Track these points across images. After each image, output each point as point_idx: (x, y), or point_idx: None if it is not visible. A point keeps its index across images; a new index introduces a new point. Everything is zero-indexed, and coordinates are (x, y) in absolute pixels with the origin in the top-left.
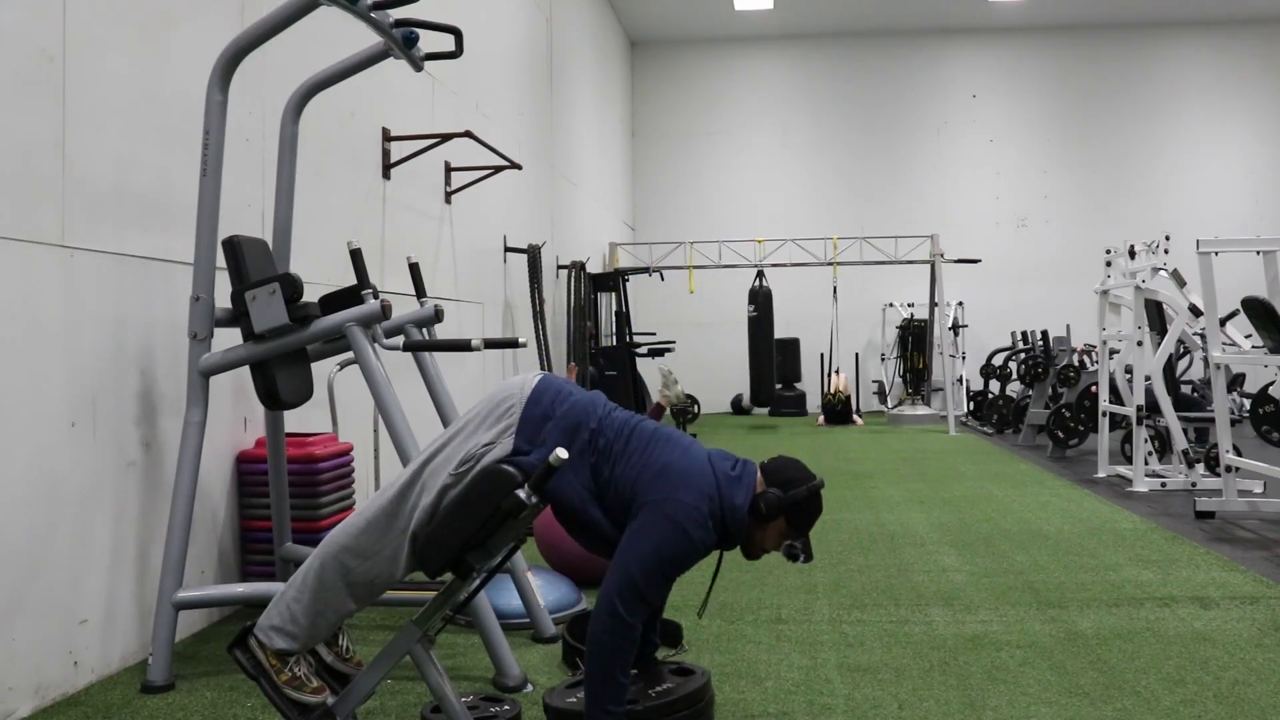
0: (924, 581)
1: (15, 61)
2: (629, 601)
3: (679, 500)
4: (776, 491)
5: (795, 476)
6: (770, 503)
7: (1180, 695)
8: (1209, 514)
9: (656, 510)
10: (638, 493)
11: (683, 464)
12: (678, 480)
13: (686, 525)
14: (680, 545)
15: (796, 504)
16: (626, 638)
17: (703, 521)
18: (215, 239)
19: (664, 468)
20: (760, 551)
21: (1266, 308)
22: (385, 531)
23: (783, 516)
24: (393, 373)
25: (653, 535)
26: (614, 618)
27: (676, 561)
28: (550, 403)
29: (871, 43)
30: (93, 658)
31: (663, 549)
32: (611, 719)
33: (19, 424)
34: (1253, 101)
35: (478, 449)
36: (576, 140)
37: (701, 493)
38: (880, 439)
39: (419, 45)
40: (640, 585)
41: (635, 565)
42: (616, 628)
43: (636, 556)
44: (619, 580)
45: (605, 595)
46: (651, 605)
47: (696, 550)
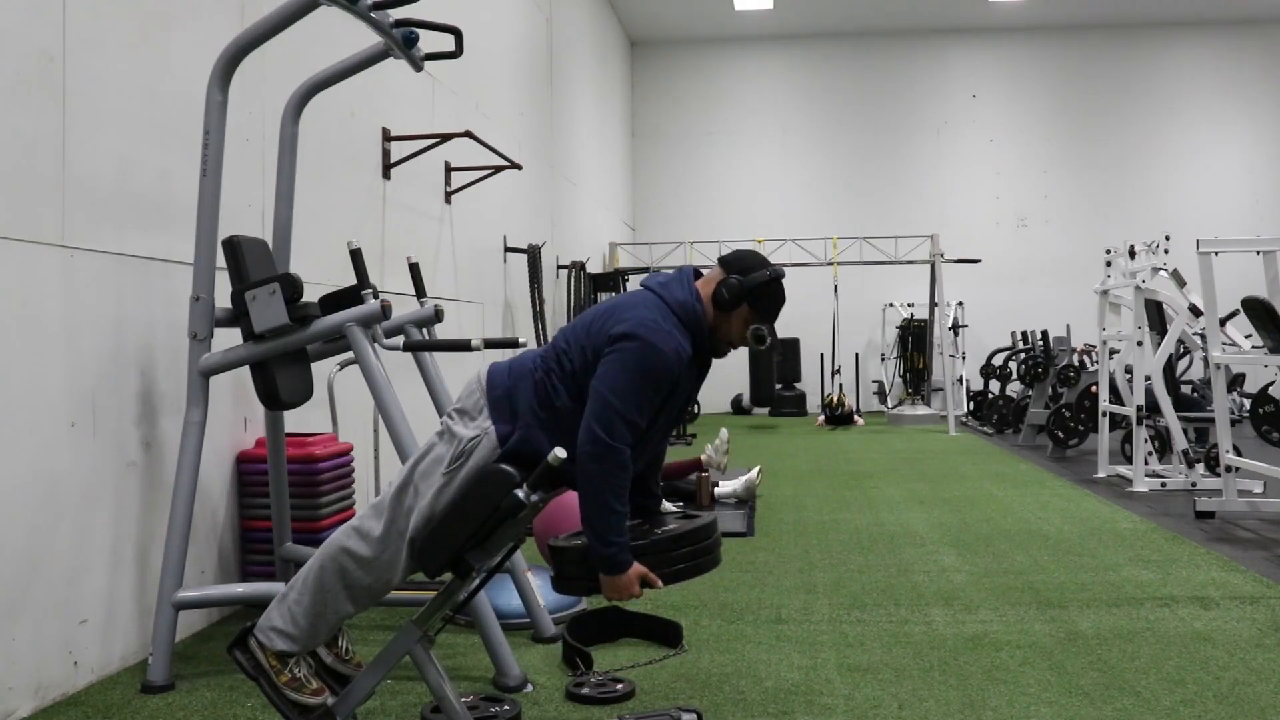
0: (924, 581)
1: (15, 61)
2: (608, 423)
3: (626, 319)
4: (737, 277)
5: (753, 262)
6: (732, 288)
7: (1180, 695)
8: (1209, 514)
9: (613, 342)
10: (592, 349)
11: (621, 300)
12: (622, 309)
13: (645, 335)
14: (647, 355)
15: (758, 286)
16: (614, 461)
17: (658, 326)
18: (215, 239)
19: (604, 311)
20: (727, 347)
21: (1266, 308)
22: (384, 536)
23: (745, 303)
24: (393, 373)
25: (617, 359)
26: (595, 442)
27: (649, 373)
28: (503, 376)
29: (871, 43)
30: (93, 658)
31: (630, 364)
32: (614, 549)
33: (19, 424)
34: (1253, 101)
35: (465, 444)
36: (576, 140)
37: (645, 305)
38: (880, 439)
39: (419, 45)
40: (617, 405)
41: (607, 389)
42: (600, 451)
43: (606, 381)
44: (594, 408)
45: (584, 426)
46: (635, 426)
47: (668, 358)
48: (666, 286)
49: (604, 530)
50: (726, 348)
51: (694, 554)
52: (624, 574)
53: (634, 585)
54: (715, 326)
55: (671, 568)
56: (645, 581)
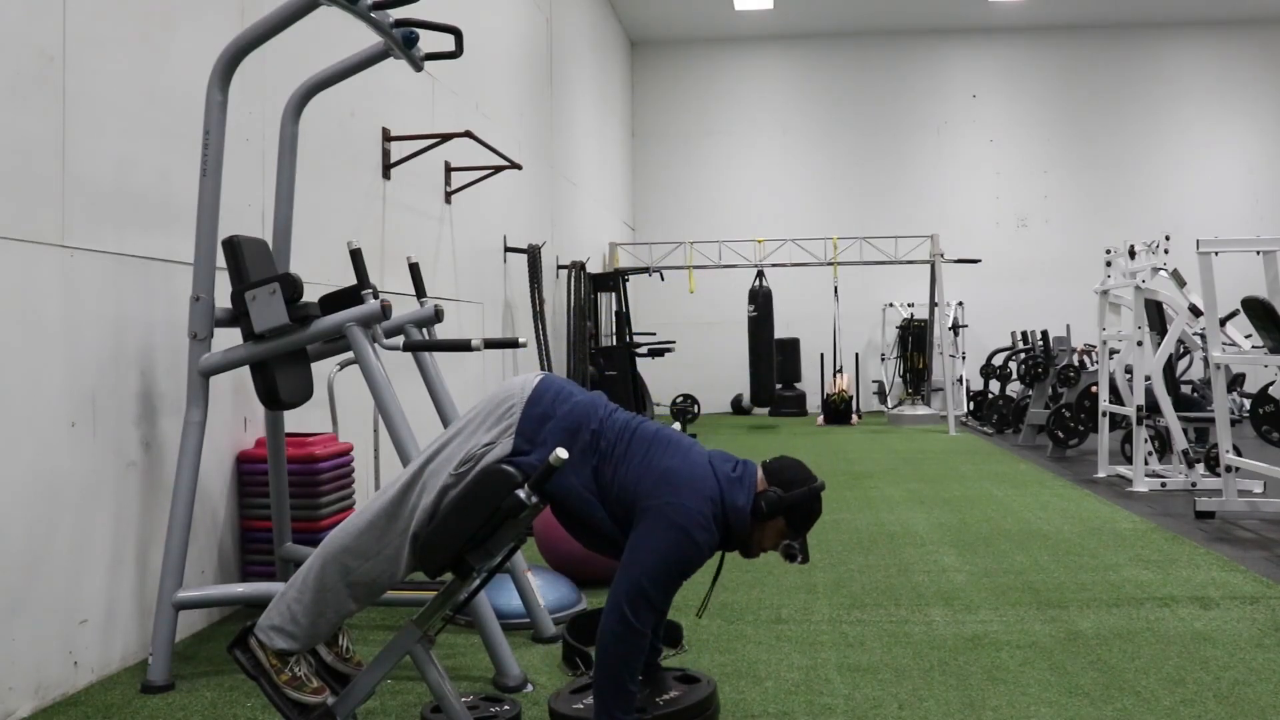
0: (924, 581)
1: (15, 61)
2: (638, 608)
3: (682, 505)
4: (777, 490)
5: (796, 477)
6: (771, 502)
7: (1180, 695)
8: (1209, 514)
9: (660, 515)
10: (639, 496)
11: (685, 467)
12: (680, 484)
13: (691, 529)
14: (686, 550)
15: (796, 504)
16: (637, 645)
17: (707, 524)
18: (215, 239)
19: (666, 471)
20: (758, 550)
21: (1266, 308)
22: (385, 532)
23: (782, 516)
24: (393, 373)
25: (659, 541)
26: (624, 625)
27: (683, 566)
28: (551, 403)
29: (871, 43)
30: (93, 658)
31: (669, 554)
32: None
33: (19, 424)
34: (1253, 101)
35: (478, 449)
36: (576, 140)
37: (704, 496)
38: (880, 439)
39: (419, 45)
40: (649, 591)
41: (642, 572)
42: (627, 635)
43: (643, 563)
44: (627, 587)
45: (614, 603)
46: (660, 611)
47: (702, 553)
48: (732, 486)
49: (614, 708)
50: (758, 552)
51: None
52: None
53: None
54: (750, 531)
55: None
56: None
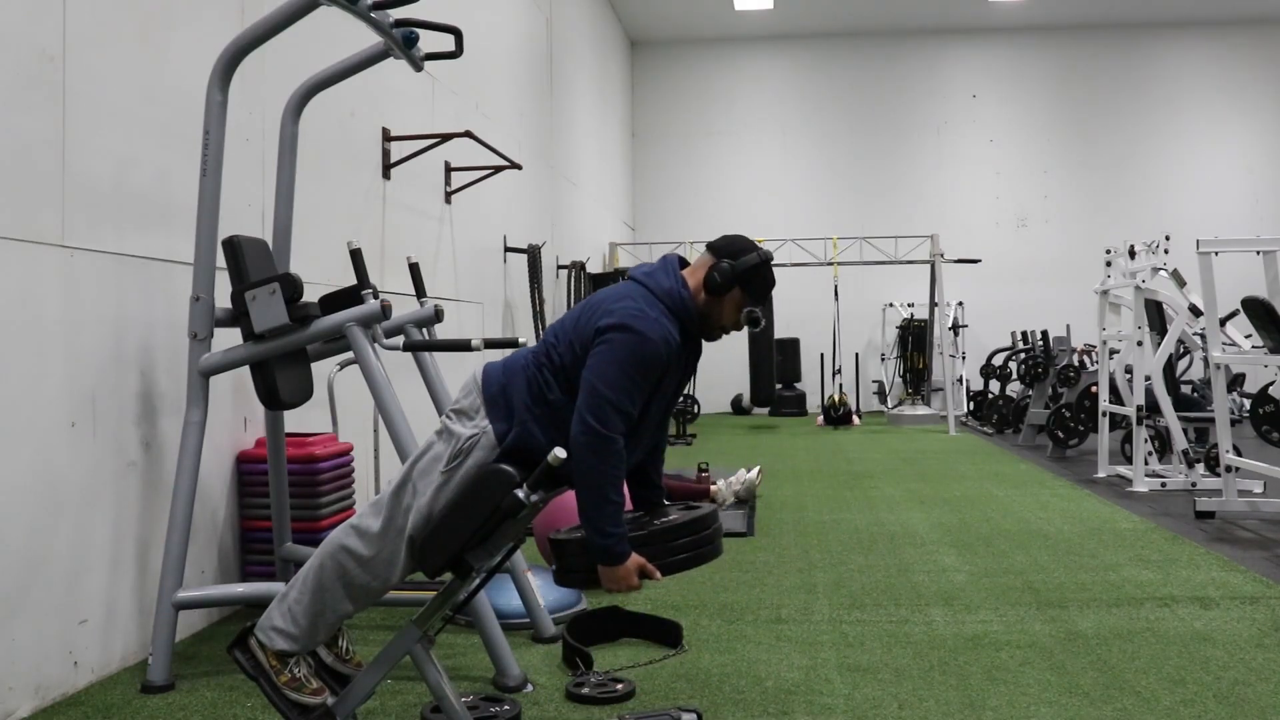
0: (924, 581)
1: (15, 61)
2: (600, 413)
3: (609, 311)
4: (728, 261)
5: (742, 246)
6: (724, 272)
7: (1180, 695)
8: (1209, 514)
9: (601, 334)
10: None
11: (606, 292)
12: (608, 302)
13: (632, 325)
14: (635, 344)
15: (748, 270)
16: (608, 449)
17: (645, 314)
18: (215, 239)
19: (591, 304)
20: (719, 330)
21: (1266, 308)
22: (382, 534)
23: (737, 286)
24: (393, 373)
25: (606, 350)
26: (589, 432)
27: (639, 361)
28: (500, 374)
29: (871, 43)
30: (93, 658)
31: (620, 355)
32: (611, 540)
33: (19, 424)
34: (1253, 101)
35: (464, 442)
36: (576, 140)
37: (631, 295)
38: (880, 439)
39: (419, 45)
40: (608, 395)
41: (597, 378)
42: (594, 442)
43: (596, 372)
44: (585, 398)
45: (576, 417)
46: (628, 415)
47: (656, 345)
48: (651, 276)
49: (600, 521)
50: (719, 332)
51: (693, 544)
52: (622, 565)
53: (632, 576)
54: (707, 312)
55: (671, 558)
56: (644, 572)
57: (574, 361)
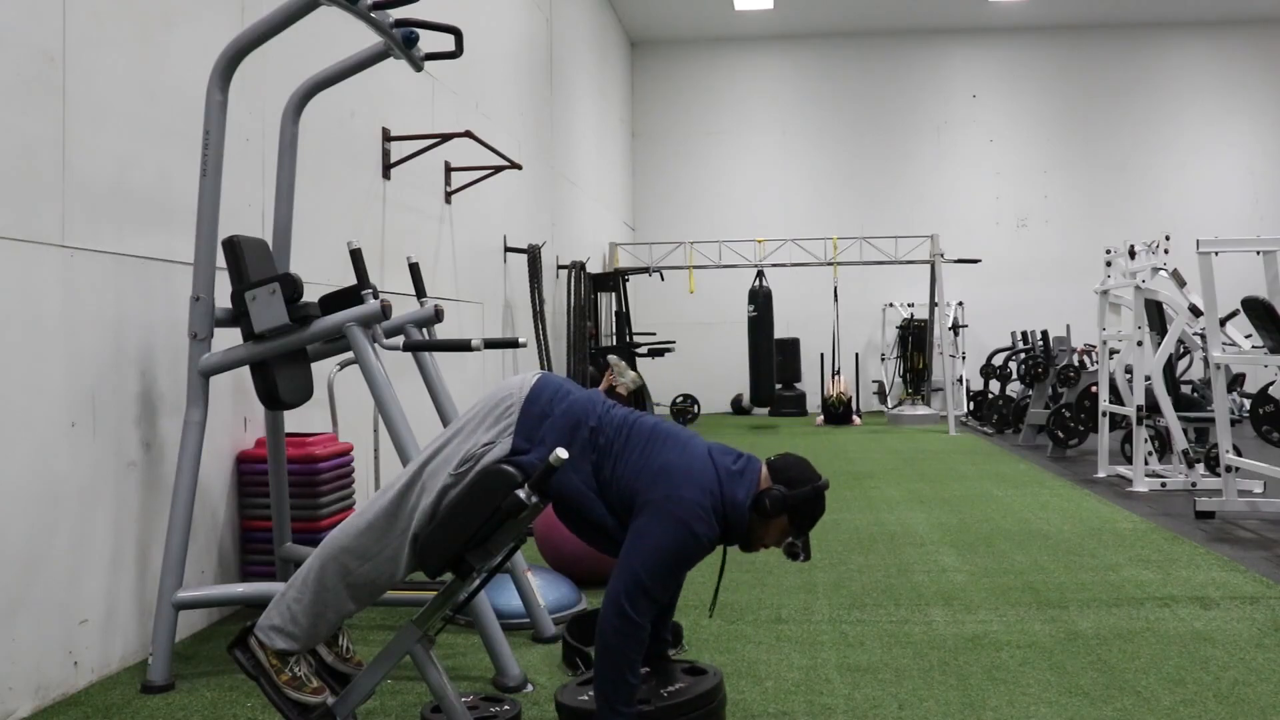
0: (924, 581)
1: (15, 61)
2: (636, 601)
3: (681, 497)
4: (781, 489)
5: (801, 475)
6: (775, 499)
7: (1180, 695)
8: (1209, 514)
9: (659, 509)
10: (639, 491)
11: (684, 460)
12: (679, 477)
13: (690, 521)
14: (685, 542)
15: (800, 503)
16: (635, 638)
17: (705, 517)
18: (215, 239)
19: (664, 464)
20: (759, 547)
21: (1266, 308)
22: (385, 532)
23: (785, 514)
24: (393, 373)
25: (657, 533)
26: (622, 618)
27: (682, 558)
28: (549, 401)
29: (871, 43)
30: (93, 658)
31: (667, 546)
32: (622, 719)
33: (19, 424)
34: (1253, 101)
35: (477, 449)
36: (576, 140)
37: (703, 488)
38: (880, 439)
39: (419, 45)
40: (647, 584)
41: (640, 565)
42: (625, 628)
43: (641, 556)
44: (625, 580)
45: (612, 596)
46: (659, 603)
47: (701, 546)
48: (732, 479)
49: (615, 700)
50: (758, 548)
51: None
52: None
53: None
54: (751, 528)
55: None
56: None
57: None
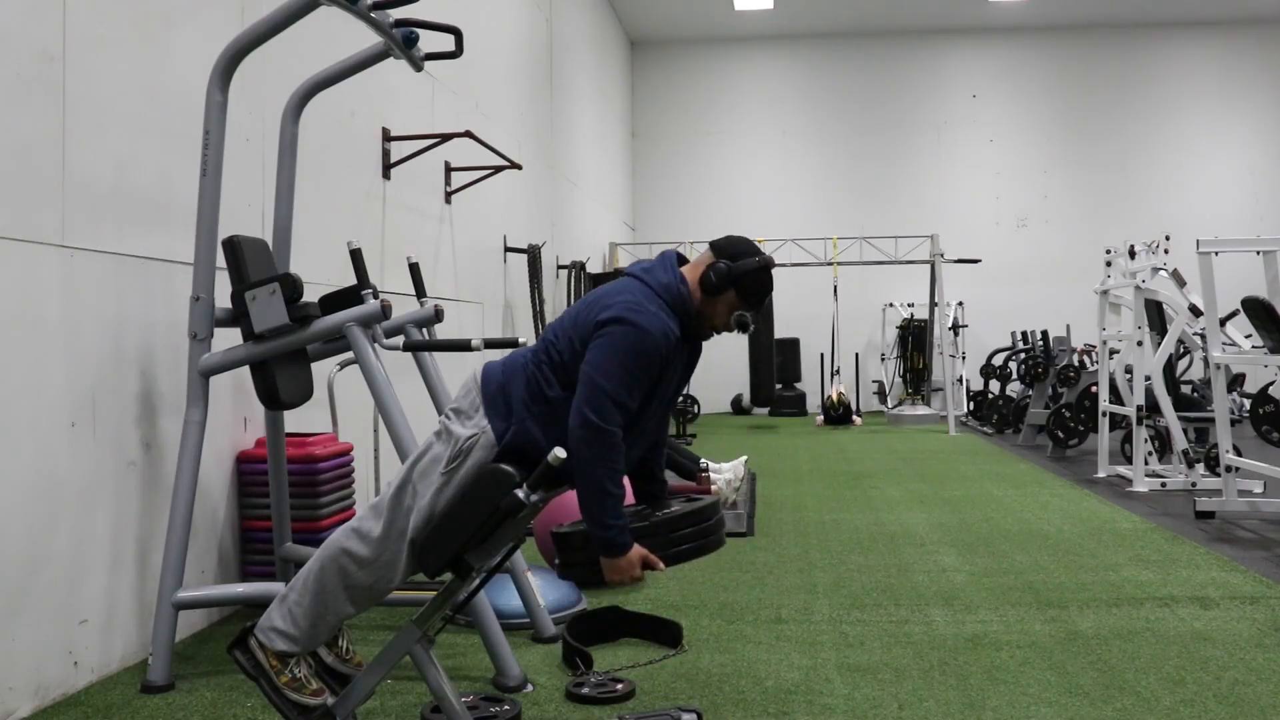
0: (924, 581)
1: (15, 61)
2: (599, 406)
3: (607, 306)
4: (726, 262)
5: (743, 249)
6: (720, 273)
7: (1180, 695)
8: (1209, 514)
9: (600, 328)
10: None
11: (602, 290)
12: (604, 299)
13: (631, 318)
14: (635, 337)
15: (745, 273)
16: (607, 442)
17: (644, 308)
18: (215, 239)
19: (586, 304)
20: (711, 329)
21: (1266, 308)
22: (383, 536)
23: (732, 289)
24: (393, 373)
25: (605, 343)
26: (586, 425)
27: (638, 354)
28: (499, 374)
29: (871, 43)
30: (93, 658)
31: (618, 347)
32: (612, 531)
33: (19, 424)
34: (1253, 101)
35: (463, 442)
36: (576, 140)
37: (629, 290)
38: (880, 439)
39: (419, 45)
40: (606, 388)
41: (595, 372)
42: (592, 435)
43: (595, 365)
44: (583, 391)
45: (575, 410)
46: (626, 408)
47: (655, 338)
48: (650, 271)
49: (600, 513)
50: (710, 332)
51: (696, 534)
52: (624, 556)
53: (634, 567)
54: (700, 310)
55: (673, 548)
56: (646, 563)
57: (573, 357)
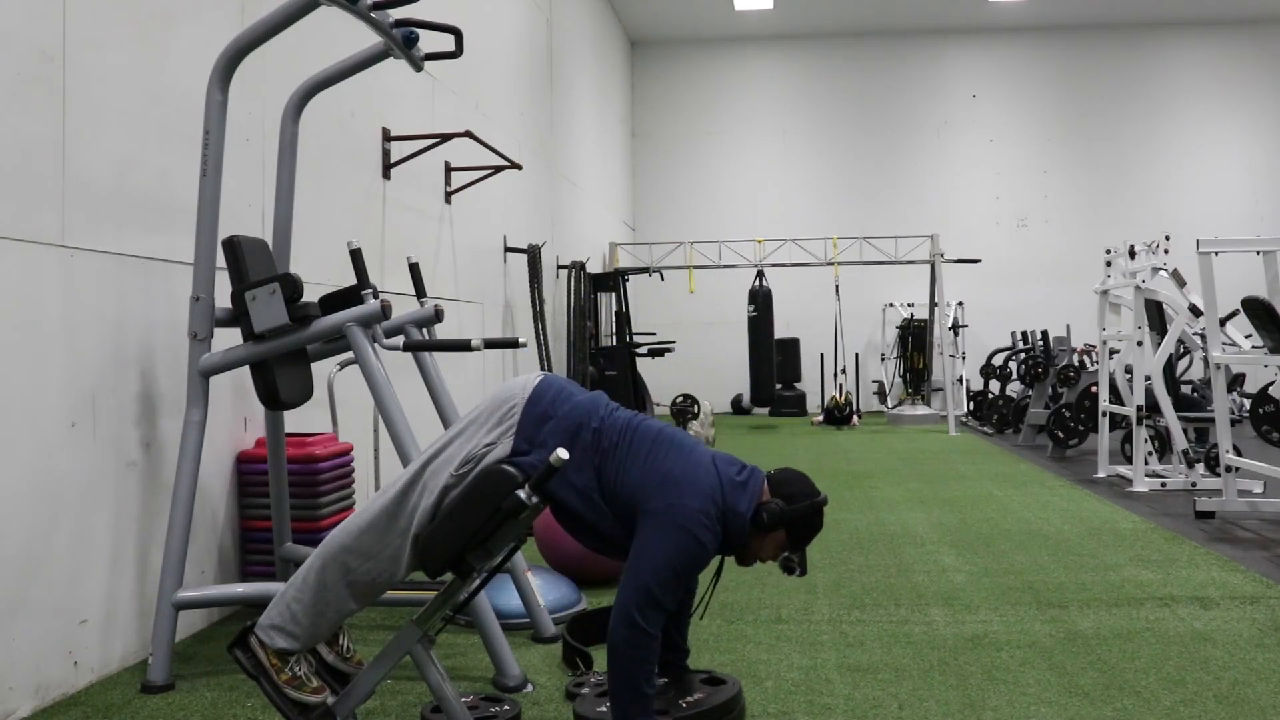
0: (924, 581)
1: (15, 61)
2: (646, 611)
3: (685, 505)
4: (779, 502)
5: (800, 490)
6: (773, 513)
7: (1180, 695)
8: (1209, 514)
9: (664, 517)
10: (641, 499)
11: (688, 468)
12: (684, 485)
13: (694, 530)
14: (691, 549)
15: (798, 517)
16: (648, 648)
17: (710, 524)
18: (215, 239)
19: (668, 472)
20: (754, 560)
21: (1266, 308)
22: (386, 532)
23: (783, 528)
24: (393, 373)
25: (663, 543)
26: (633, 629)
27: (687, 566)
28: (551, 402)
29: (871, 43)
30: (93, 658)
31: (674, 555)
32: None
33: (19, 424)
34: (1253, 101)
35: (479, 449)
36: (576, 140)
37: (707, 496)
38: (880, 439)
39: (419, 45)
40: (656, 594)
41: (648, 574)
42: (636, 639)
43: (649, 566)
44: (634, 591)
45: (621, 607)
46: (667, 611)
47: (707, 552)
48: (735, 490)
49: (632, 712)
50: (754, 561)
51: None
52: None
53: None
54: (749, 540)
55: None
56: None
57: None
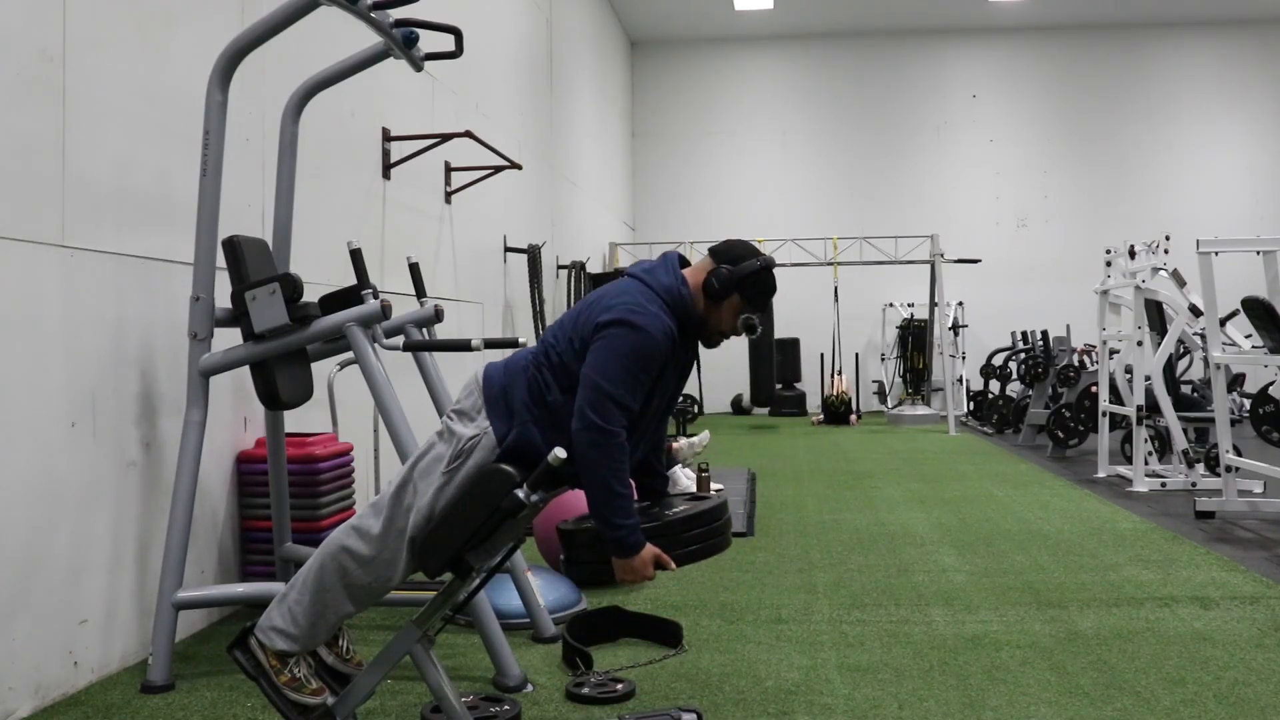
0: (924, 581)
1: (15, 61)
2: (601, 407)
3: (610, 307)
4: (728, 267)
5: (743, 252)
6: (722, 278)
7: (1180, 695)
8: (1209, 514)
9: (601, 329)
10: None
11: (602, 291)
12: (604, 300)
13: (630, 319)
14: (634, 339)
15: (748, 275)
16: (611, 443)
17: (644, 309)
18: (215, 239)
19: (586, 305)
20: (719, 335)
21: (1266, 308)
22: (383, 534)
23: (736, 292)
24: (393, 373)
25: (605, 344)
26: (590, 427)
27: (639, 355)
28: (500, 375)
29: (871, 43)
30: (93, 658)
31: (619, 348)
32: (623, 531)
33: (19, 424)
34: (1253, 101)
35: (464, 443)
36: (576, 140)
37: (630, 292)
38: (880, 439)
39: (419, 45)
40: (608, 389)
41: (597, 373)
42: (595, 438)
43: (596, 367)
44: (585, 393)
45: (577, 411)
46: (628, 409)
47: (656, 339)
48: (651, 273)
49: (610, 513)
50: (719, 337)
51: (706, 535)
52: (636, 555)
53: (648, 567)
54: (706, 316)
55: (684, 549)
56: (659, 563)
57: (573, 359)
